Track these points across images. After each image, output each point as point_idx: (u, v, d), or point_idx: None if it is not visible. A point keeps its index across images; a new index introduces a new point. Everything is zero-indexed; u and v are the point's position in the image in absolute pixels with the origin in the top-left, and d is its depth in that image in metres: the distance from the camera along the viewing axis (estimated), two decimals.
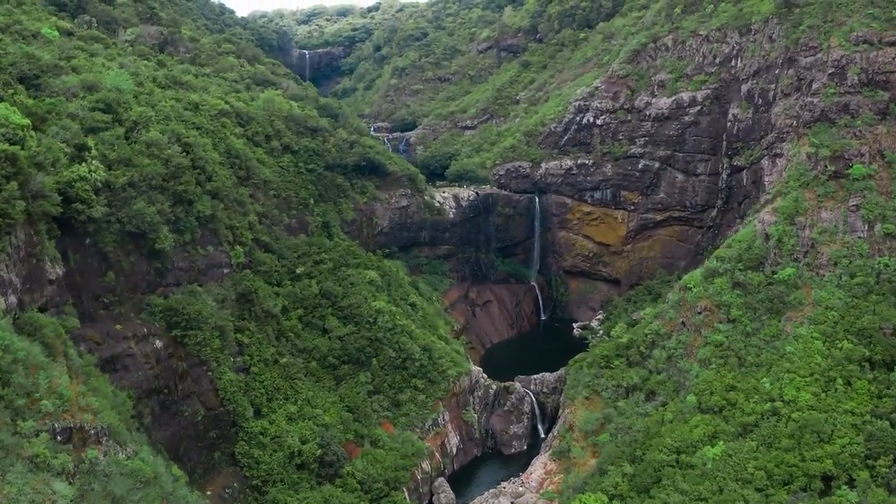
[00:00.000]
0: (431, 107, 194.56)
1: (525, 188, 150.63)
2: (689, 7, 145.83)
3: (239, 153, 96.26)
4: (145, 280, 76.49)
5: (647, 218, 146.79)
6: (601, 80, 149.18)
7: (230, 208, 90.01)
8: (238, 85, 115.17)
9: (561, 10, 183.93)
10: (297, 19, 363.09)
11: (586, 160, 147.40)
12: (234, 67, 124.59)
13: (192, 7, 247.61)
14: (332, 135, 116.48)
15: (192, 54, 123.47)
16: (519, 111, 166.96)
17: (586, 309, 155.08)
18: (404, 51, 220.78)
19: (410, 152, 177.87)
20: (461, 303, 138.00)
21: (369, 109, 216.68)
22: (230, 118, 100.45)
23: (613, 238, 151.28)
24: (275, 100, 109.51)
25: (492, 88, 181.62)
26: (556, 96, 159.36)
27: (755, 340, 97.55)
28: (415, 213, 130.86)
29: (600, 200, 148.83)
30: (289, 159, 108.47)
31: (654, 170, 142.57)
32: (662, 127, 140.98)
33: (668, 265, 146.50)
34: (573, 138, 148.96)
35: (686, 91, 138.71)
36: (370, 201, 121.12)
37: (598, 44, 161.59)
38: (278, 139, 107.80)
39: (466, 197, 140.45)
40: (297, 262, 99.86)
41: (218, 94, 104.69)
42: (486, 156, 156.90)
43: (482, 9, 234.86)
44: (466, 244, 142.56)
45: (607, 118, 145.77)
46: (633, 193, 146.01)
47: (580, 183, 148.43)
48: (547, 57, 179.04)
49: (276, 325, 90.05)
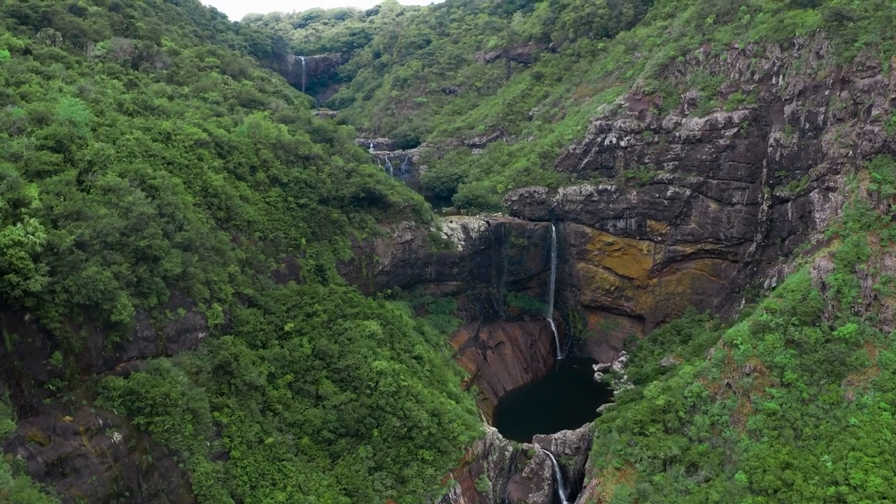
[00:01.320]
0: (436, 121, 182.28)
1: (540, 216, 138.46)
2: (721, 17, 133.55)
3: (218, 191, 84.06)
4: (101, 357, 64.37)
5: (676, 250, 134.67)
6: (625, 97, 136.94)
7: (206, 259, 77.76)
8: (220, 107, 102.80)
9: (576, 18, 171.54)
10: (294, 23, 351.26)
11: (608, 186, 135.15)
12: (216, 85, 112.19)
13: (181, 12, 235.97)
14: (327, 163, 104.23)
15: (169, 70, 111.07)
16: (532, 128, 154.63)
17: (607, 348, 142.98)
18: (406, 59, 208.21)
19: (413, 172, 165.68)
20: (471, 346, 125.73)
21: (368, 123, 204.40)
22: (208, 149, 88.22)
23: (638, 271, 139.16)
24: (261, 125, 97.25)
25: (501, 102, 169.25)
26: (574, 113, 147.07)
27: (813, 408, 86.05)
28: (420, 248, 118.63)
29: (624, 230, 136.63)
30: (277, 193, 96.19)
31: (685, 198, 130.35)
32: (694, 150, 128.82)
33: (699, 302, 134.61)
34: (594, 161, 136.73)
35: (720, 111, 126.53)
36: (370, 237, 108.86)
37: (620, 56, 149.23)
38: (265, 170, 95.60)
39: (476, 227, 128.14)
40: (287, 316, 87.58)
41: (196, 118, 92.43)
42: (496, 179, 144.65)
43: (489, 14, 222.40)
44: (476, 279, 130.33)
45: (632, 139, 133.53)
46: (660, 223, 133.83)
47: (602, 211, 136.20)
48: (562, 68, 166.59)
49: (260, 398, 77.69)
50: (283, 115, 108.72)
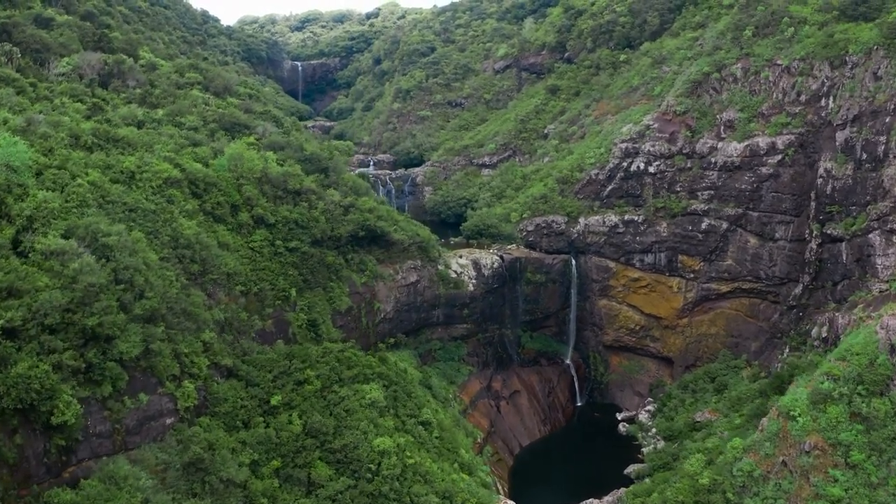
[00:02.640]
0: (441, 137, 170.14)
1: (559, 248, 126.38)
2: (761, 29, 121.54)
3: (190, 241, 71.81)
4: (43, 465, 52.33)
5: (710, 288, 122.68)
6: (653, 117, 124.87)
7: (175, 327, 65.69)
8: (198, 133, 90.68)
9: (594, 26, 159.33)
10: (291, 26, 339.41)
11: (635, 216, 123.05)
12: (196, 105, 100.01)
13: (170, 16, 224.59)
14: (321, 198, 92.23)
15: (143, 89, 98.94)
16: (548, 148, 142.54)
17: (631, 393, 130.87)
18: (408, 68, 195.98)
19: (417, 194, 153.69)
20: (483, 397, 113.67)
21: (368, 137, 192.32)
22: (181, 188, 76.25)
23: (666, 310, 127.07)
24: (244, 156, 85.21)
25: (513, 118, 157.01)
26: (595, 133, 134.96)
27: (883, 495, 73.96)
28: (426, 289, 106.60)
29: (652, 265, 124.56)
30: (262, 237, 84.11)
31: (721, 231, 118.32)
32: (732, 179, 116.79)
33: (734, 345, 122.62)
34: (619, 188, 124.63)
35: (762, 135, 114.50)
36: (370, 281, 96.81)
37: (646, 69, 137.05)
38: (248, 210, 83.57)
39: (489, 264, 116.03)
40: (273, 386, 75.34)
41: (168, 150, 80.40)
42: (509, 205, 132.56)
43: (497, 20, 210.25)
44: (488, 321, 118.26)
45: (662, 165, 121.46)
46: (693, 259, 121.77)
47: (627, 244, 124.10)
48: (579, 82, 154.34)
49: (241, 494, 65.42)
50: (271, 141, 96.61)
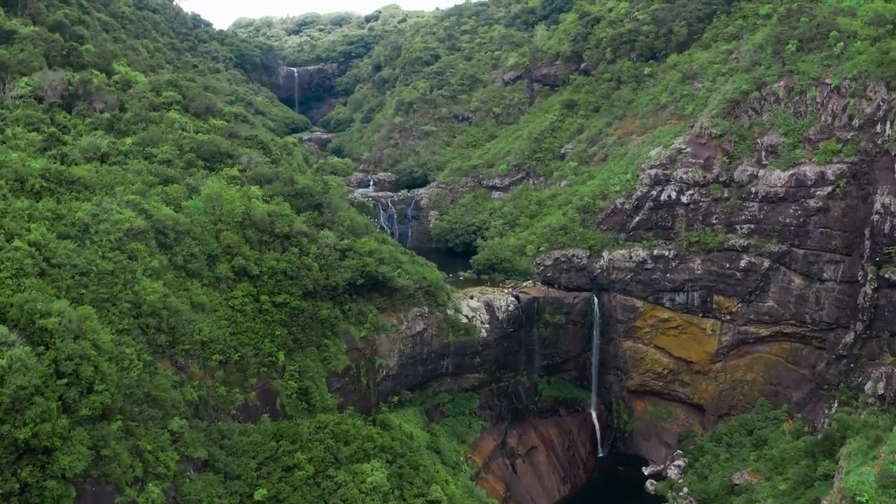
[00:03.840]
0: (447, 155, 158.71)
1: (580, 284, 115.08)
2: (806, 43, 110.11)
3: (155, 307, 60.38)
4: None
5: (748, 332, 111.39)
6: (685, 140, 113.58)
7: (137, 418, 54.48)
8: (172, 168, 79.19)
9: (614, 35, 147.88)
10: (287, 29, 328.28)
11: (666, 251, 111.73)
12: (172, 129, 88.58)
13: (158, 20, 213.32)
14: (314, 241, 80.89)
15: (112, 113, 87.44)
16: (566, 171, 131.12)
17: (657, 443, 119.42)
18: (411, 78, 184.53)
19: (422, 219, 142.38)
20: (498, 456, 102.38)
21: (368, 154, 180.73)
22: (146, 241, 64.92)
23: (698, 353, 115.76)
24: (223, 195, 73.77)
25: (526, 136, 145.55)
26: (619, 156, 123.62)
27: None
28: (434, 338, 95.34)
29: (684, 305, 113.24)
30: (245, 292, 72.76)
31: (763, 270, 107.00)
32: (775, 212, 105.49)
33: (773, 394, 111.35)
34: (647, 220, 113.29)
35: (809, 163, 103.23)
36: (371, 334, 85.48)
37: (674, 85, 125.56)
38: (228, 261, 72.26)
39: (503, 306, 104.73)
40: (257, 476, 64.02)
41: (132, 192, 69.09)
42: (524, 235, 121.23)
43: (505, 26, 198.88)
44: (503, 368, 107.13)
45: (696, 194, 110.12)
46: (730, 299, 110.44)
47: (657, 281, 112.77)
48: (598, 96, 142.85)
49: None
50: (256, 173, 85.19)
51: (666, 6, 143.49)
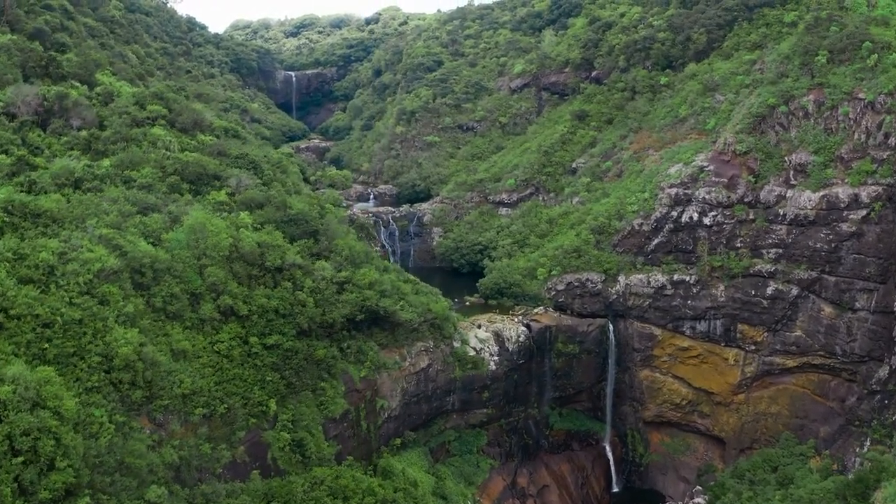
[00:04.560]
0: (451, 168, 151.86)
1: (594, 310, 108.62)
2: (837, 54, 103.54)
3: (129, 360, 53.75)
4: None
5: (773, 362, 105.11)
6: (708, 157, 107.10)
7: (108, 491, 47.99)
8: (152, 193, 72.51)
9: (628, 42, 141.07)
10: (285, 31, 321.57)
11: (687, 276, 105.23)
12: (156, 146, 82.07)
13: (151, 24, 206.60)
14: (310, 273, 74.36)
15: (89, 132, 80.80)
16: (578, 187, 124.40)
17: (675, 478, 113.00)
18: (413, 85, 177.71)
19: (425, 236, 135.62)
20: (508, 497, 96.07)
21: (368, 165, 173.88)
22: (119, 282, 58.30)
23: (719, 384, 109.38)
24: (208, 227, 67.10)
25: (535, 149, 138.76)
26: (636, 173, 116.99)
27: None
28: (439, 373, 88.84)
29: (705, 334, 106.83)
30: (232, 334, 66.21)
31: (791, 297, 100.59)
32: (805, 236, 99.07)
33: (799, 428, 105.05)
34: (667, 242, 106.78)
35: (842, 184, 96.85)
36: (372, 374, 78.95)
37: (694, 97, 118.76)
38: (213, 300, 65.68)
39: (514, 336, 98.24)
40: None
41: (105, 226, 62.41)
42: (534, 256, 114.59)
43: (511, 30, 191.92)
44: (512, 402, 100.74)
45: (720, 216, 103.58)
46: (755, 328, 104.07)
47: (677, 308, 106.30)
48: (612, 107, 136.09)
49: None
50: (246, 197, 78.53)
51: (683, 12, 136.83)
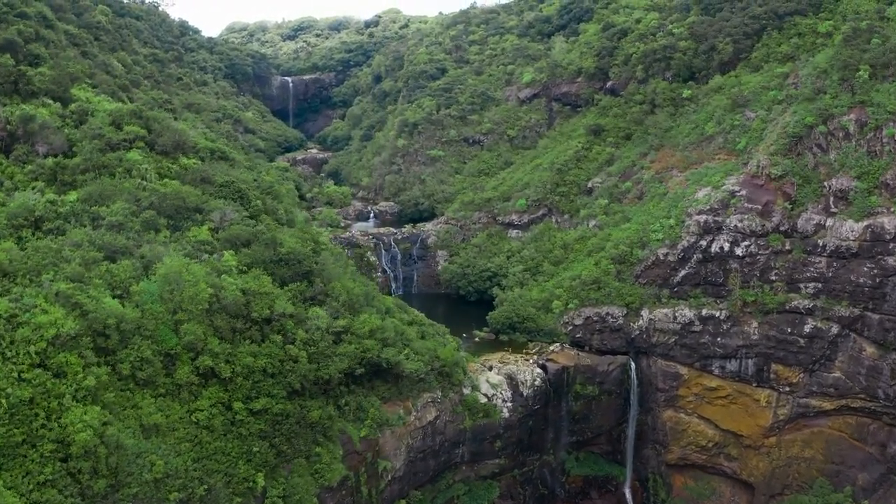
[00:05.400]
0: (457, 185, 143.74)
1: (614, 347, 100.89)
2: (880, 70, 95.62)
3: (88, 446, 45.78)
4: None
5: (808, 405, 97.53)
6: (739, 180, 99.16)
7: None
8: (123, 234, 64.37)
9: (646, 51, 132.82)
10: (283, 34, 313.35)
11: (717, 311, 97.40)
12: (131, 173, 74.14)
13: (141, 29, 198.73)
14: (302, 322, 66.46)
15: (56, 161, 72.79)
16: (595, 209, 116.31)
17: None
18: (415, 95, 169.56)
19: (429, 260, 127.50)
20: None
21: (368, 179, 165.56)
22: (79, 349, 50.19)
23: (749, 426, 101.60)
24: (184, 275, 58.99)
25: (547, 165, 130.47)
26: (659, 195, 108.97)
27: None
28: (448, 424, 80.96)
29: (735, 373, 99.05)
30: (213, 400, 58.30)
31: (830, 336, 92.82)
32: (846, 269, 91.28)
33: (835, 474, 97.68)
34: (695, 274, 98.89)
35: (888, 213, 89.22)
36: (373, 432, 71.12)
37: (722, 113, 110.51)
38: (190, 361, 57.73)
39: (529, 380, 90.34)
40: None
41: (65, 278, 54.34)
42: (549, 286, 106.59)
43: (518, 36, 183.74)
44: (527, 450, 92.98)
45: (753, 246, 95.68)
46: (790, 369, 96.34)
47: (705, 346, 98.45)
48: (630, 121, 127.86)
49: None
50: (231, 234, 70.48)
51: (705, 20, 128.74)
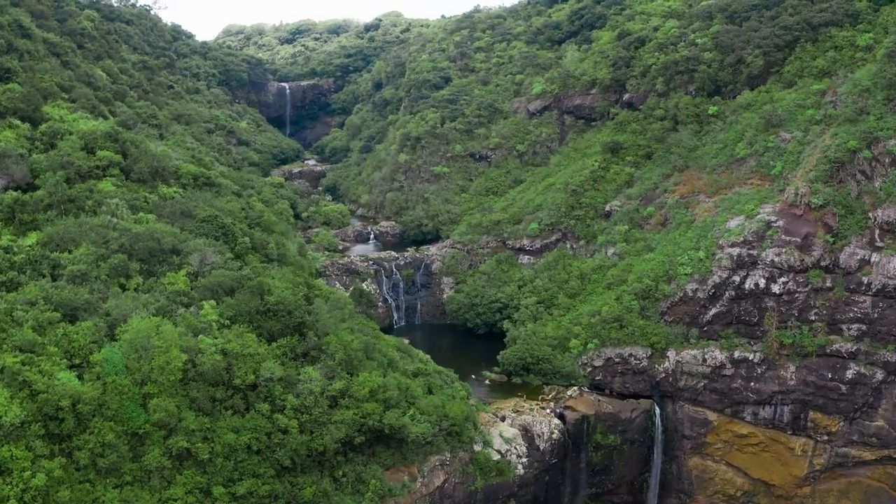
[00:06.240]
0: (463, 204, 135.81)
1: (637, 390, 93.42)
2: None
3: None
4: None
5: (847, 454, 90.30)
6: (776, 209, 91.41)
7: None
8: (85, 288, 56.57)
9: (667, 62, 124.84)
10: (280, 37, 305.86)
11: (750, 353, 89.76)
12: (101, 205, 66.60)
13: (132, 34, 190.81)
14: (293, 386, 58.69)
15: (13, 196, 65.00)
16: (614, 236, 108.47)
17: None
18: (418, 105, 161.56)
19: (433, 288, 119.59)
20: None
21: (367, 197, 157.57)
22: (27, 439, 42.49)
23: (782, 476, 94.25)
24: (153, 340, 51.23)
25: (561, 186, 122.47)
26: (685, 223, 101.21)
27: None
28: (457, 487, 73.21)
29: (770, 421, 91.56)
30: (189, 485, 50.67)
31: (874, 383, 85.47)
32: (893, 309, 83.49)
33: None
34: (727, 313, 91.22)
35: None
36: None
37: (754, 133, 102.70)
38: (162, 440, 49.90)
39: (545, 432, 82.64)
40: None
41: (17, 343, 46.88)
42: (565, 322, 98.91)
43: (526, 43, 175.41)
44: None
45: (791, 283, 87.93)
46: (829, 417, 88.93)
47: (737, 391, 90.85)
48: (650, 139, 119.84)
49: None
50: (212, 281, 62.71)
51: (731, 29, 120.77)
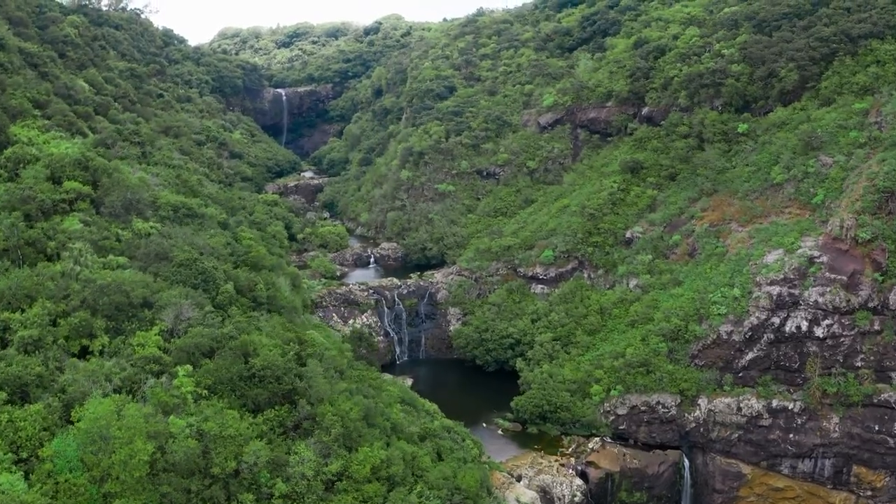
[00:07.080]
0: (470, 227, 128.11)
1: (664, 440, 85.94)
2: None
3: None
4: None
5: None
6: (819, 243, 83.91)
7: None
8: (37, 357, 48.95)
9: (690, 74, 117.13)
10: (277, 41, 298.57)
11: (790, 402, 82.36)
12: (65, 247, 59.13)
13: (121, 39, 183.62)
14: (282, 470, 51.25)
15: None
16: (636, 266, 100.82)
17: None
18: (421, 117, 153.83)
19: (439, 319, 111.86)
20: None
21: (367, 215, 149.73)
22: None
23: None
24: (113, 429, 43.66)
25: (577, 209, 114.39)
26: (715, 254, 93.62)
27: None
28: None
29: (809, 475, 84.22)
30: None
31: None
32: None
33: None
34: (765, 358, 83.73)
35: None
36: None
37: (791, 156, 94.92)
38: None
39: (567, 494, 75.15)
40: None
41: None
42: (584, 364, 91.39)
43: (535, 50, 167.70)
44: None
45: (836, 325, 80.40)
46: (875, 472, 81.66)
47: (775, 443, 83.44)
48: (674, 158, 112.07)
49: None
50: (188, 342, 54.99)
51: (761, 40, 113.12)
